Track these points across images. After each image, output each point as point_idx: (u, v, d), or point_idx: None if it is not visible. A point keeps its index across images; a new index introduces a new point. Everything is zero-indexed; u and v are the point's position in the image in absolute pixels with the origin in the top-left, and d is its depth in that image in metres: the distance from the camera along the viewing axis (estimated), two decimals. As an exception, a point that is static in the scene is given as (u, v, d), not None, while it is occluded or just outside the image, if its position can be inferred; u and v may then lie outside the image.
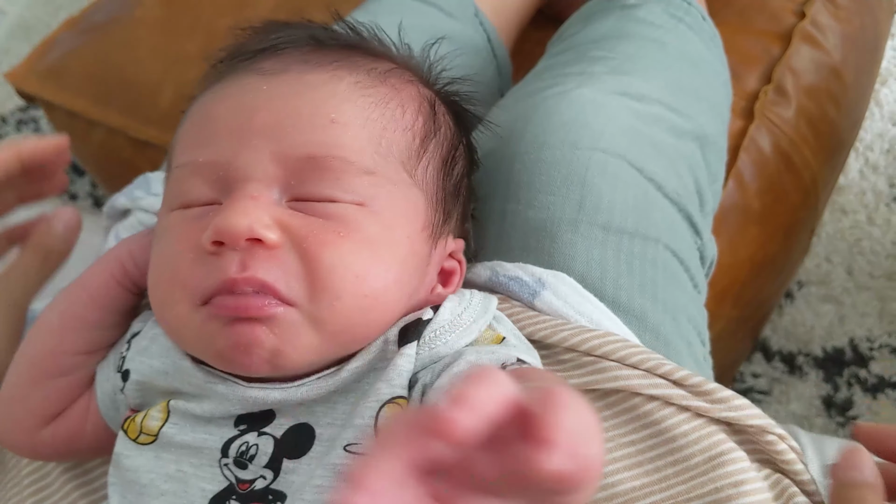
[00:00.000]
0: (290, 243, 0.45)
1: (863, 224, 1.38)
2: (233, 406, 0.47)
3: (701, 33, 0.74)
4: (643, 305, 0.56)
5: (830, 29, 1.04)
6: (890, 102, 1.48)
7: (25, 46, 2.01)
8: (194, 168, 0.49)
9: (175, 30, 1.12)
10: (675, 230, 0.61)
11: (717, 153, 0.70)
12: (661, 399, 0.50)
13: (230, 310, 0.44)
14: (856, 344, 1.30)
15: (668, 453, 0.49)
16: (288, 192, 0.47)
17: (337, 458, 0.44)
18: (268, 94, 0.49)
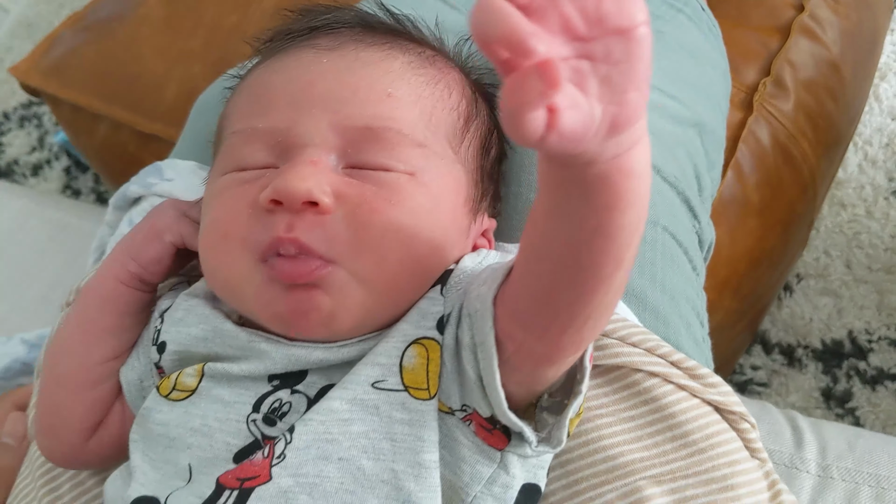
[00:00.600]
0: (342, 209, 0.47)
1: (861, 218, 1.39)
2: (274, 364, 0.48)
3: (699, 24, 0.75)
4: (642, 286, 0.58)
5: (829, 23, 1.05)
6: (889, 97, 1.49)
7: (28, 44, 2.02)
8: (252, 134, 0.51)
9: (178, 27, 1.12)
10: (674, 213, 0.62)
11: (716, 140, 0.71)
12: (660, 376, 0.51)
13: (287, 276, 0.46)
14: (854, 336, 1.31)
15: (667, 429, 0.50)
16: (344, 159, 0.49)
17: (364, 394, 0.46)
18: (326, 67, 0.51)
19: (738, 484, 0.49)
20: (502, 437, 0.46)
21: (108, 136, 1.14)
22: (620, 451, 0.50)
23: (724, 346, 1.09)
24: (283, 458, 0.45)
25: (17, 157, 1.81)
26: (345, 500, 0.44)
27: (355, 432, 0.45)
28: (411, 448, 0.45)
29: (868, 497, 0.63)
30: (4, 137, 1.86)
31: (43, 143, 1.82)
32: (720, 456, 0.49)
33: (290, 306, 0.47)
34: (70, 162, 1.77)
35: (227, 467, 0.46)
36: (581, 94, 0.31)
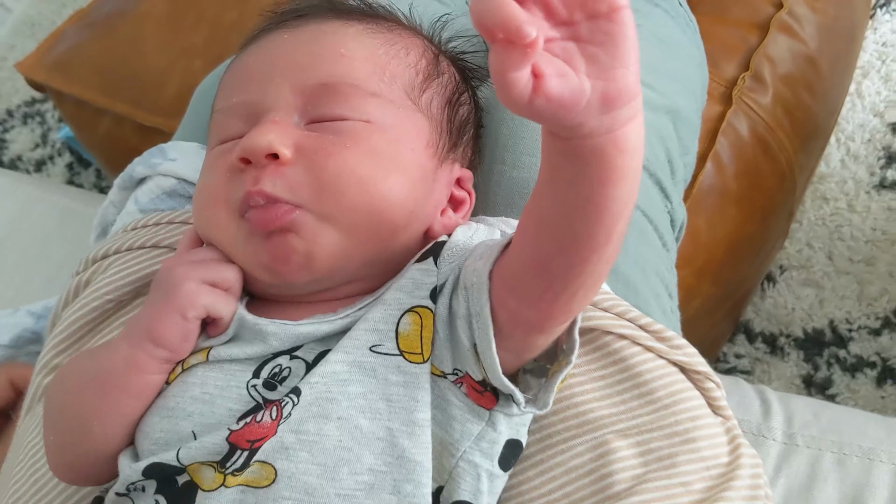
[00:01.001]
0: (303, 159, 0.51)
1: (843, 211, 1.43)
2: (281, 345, 0.51)
3: (677, 18, 0.79)
4: (616, 259, 0.61)
5: (807, 20, 1.09)
6: (871, 94, 1.53)
7: (31, 42, 2.06)
8: (230, 109, 0.56)
9: (180, 23, 1.16)
10: (647, 194, 0.66)
11: (689, 128, 0.74)
12: (628, 339, 0.55)
13: (260, 223, 0.51)
14: (835, 325, 1.35)
15: (633, 387, 0.54)
16: (306, 116, 0.54)
17: (363, 357, 0.50)
18: (288, 41, 0.56)
19: (699, 437, 0.53)
20: (491, 398, 0.50)
21: (111, 130, 1.18)
22: (591, 408, 0.53)
23: (705, 332, 1.13)
24: (290, 417, 0.48)
25: (21, 153, 1.85)
26: (342, 456, 0.47)
27: (353, 393, 0.49)
28: (406, 408, 0.48)
29: (830, 462, 0.67)
30: (8, 134, 1.90)
31: (46, 139, 1.86)
32: (683, 412, 0.53)
33: (271, 253, 0.51)
34: (73, 158, 1.81)
35: (233, 429, 0.49)
36: (570, 69, 0.35)
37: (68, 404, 0.54)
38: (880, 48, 1.57)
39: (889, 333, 1.34)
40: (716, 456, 0.53)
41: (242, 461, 0.47)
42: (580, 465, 0.52)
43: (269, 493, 0.47)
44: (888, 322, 1.34)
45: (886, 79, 1.54)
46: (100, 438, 0.52)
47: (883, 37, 1.58)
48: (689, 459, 0.52)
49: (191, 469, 0.49)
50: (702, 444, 0.53)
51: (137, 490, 0.50)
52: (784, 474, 0.67)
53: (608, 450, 0.52)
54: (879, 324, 1.34)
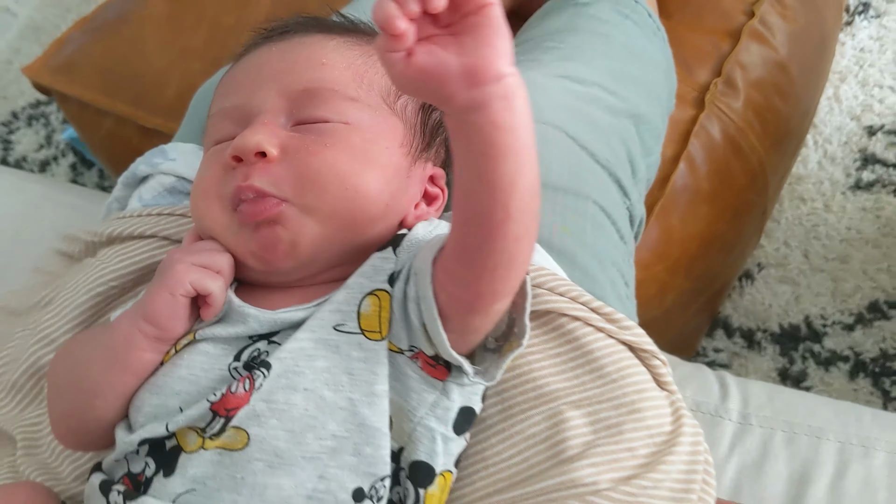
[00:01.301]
0: (288, 157, 0.57)
1: (820, 211, 1.48)
2: (260, 327, 0.57)
3: (644, 28, 0.84)
4: (573, 249, 0.67)
5: (778, 28, 1.14)
6: (849, 98, 1.58)
7: (35, 46, 2.11)
8: (223, 113, 0.62)
9: (180, 26, 1.21)
10: (605, 191, 0.71)
11: (652, 131, 0.80)
12: (581, 320, 0.60)
13: (250, 216, 0.56)
14: (810, 321, 1.40)
15: (585, 363, 0.59)
16: (291, 118, 0.59)
17: (328, 335, 0.55)
18: (273, 51, 0.62)
19: (644, 408, 0.58)
20: (444, 371, 0.55)
21: (113, 131, 1.23)
22: (547, 382, 0.59)
23: (682, 325, 1.19)
24: (261, 388, 0.54)
25: (26, 154, 1.90)
26: (308, 423, 0.53)
27: (319, 367, 0.54)
28: (366, 381, 0.54)
29: (781, 440, 0.72)
30: (13, 135, 1.95)
31: (50, 140, 1.91)
32: (629, 385, 0.59)
33: (259, 243, 0.57)
34: (76, 159, 1.86)
35: (211, 400, 0.54)
36: (439, 48, 0.43)
37: (73, 378, 0.59)
38: (858, 53, 1.62)
39: (862, 329, 1.39)
40: (659, 425, 0.58)
41: (219, 427, 0.53)
42: (537, 432, 0.58)
43: (243, 455, 0.52)
44: (861, 318, 1.39)
45: (863, 83, 1.59)
46: (100, 410, 0.57)
47: (861, 42, 1.63)
48: (634, 428, 0.57)
49: (178, 433, 0.54)
50: (646, 415, 0.58)
51: (131, 454, 0.56)
52: (738, 452, 0.72)
53: (562, 419, 0.57)
54: (853, 319, 1.39)
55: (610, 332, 0.61)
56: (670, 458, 0.57)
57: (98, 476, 0.57)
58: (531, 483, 0.56)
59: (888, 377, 1.35)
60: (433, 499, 0.55)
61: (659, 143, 0.83)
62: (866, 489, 0.68)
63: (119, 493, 0.53)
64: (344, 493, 0.52)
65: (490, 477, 0.58)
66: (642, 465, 0.56)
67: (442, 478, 0.55)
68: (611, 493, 0.55)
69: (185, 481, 0.53)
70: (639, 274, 1.01)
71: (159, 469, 0.54)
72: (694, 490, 0.57)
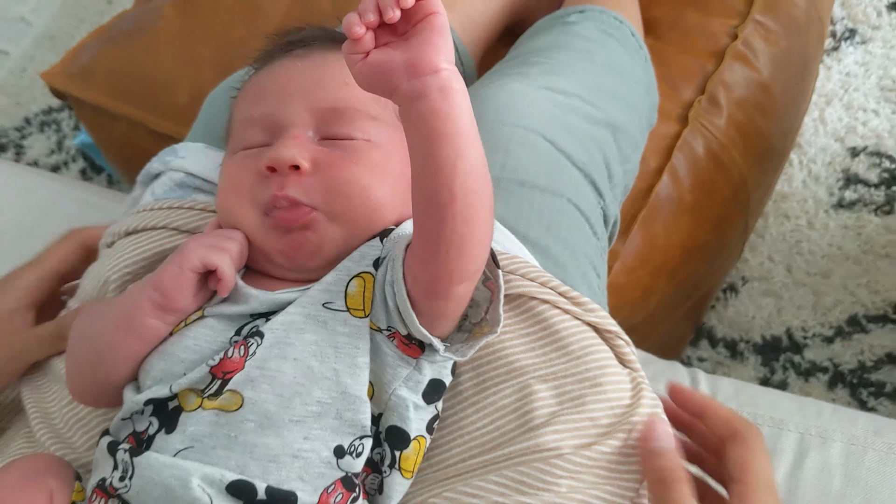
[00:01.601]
0: (318, 169, 0.63)
1: (803, 228, 1.54)
2: (260, 306, 0.62)
3: (627, 46, 0.90)
4: (547, 242, 0.73)
5: (761, 50, 1.20)
6: (833, 121, 1.64)
7: (50, 54, 2.17)
8: (251, 121, 0.67)
9: (192, 37, 1.27)
10: (580, 190, 0.76)
11: (629, 140, 0.85)
12: (549, 303, 0.66)
13: (286, 222, 0.63)
14: (791, 333, 1.45)
15: (552, 342, 0.65)
16: (318, 132, 0.65)
17: (317, 312, 0.61)
18: (299, 67, 0.68)
19: (605, 382, 0.64)
20: (417, 350, 0.61)
21: (125, 134, 1.29)
22: (517, 358, 0.64)
23: (665, 330, 1.24)
24: (255, 355, 0.59)
25: (38, 159, 1.96)
26: (296, 390, 0.58)
27: (307, 340, 0.60)
28: (349, 353, 0.59)
29: (745, 430, 0.77)
30: (26, 140, 2.01)
31: (61, 146, 1.97)
32: (592, 362, 0.64)
33: (290, 244, 0.63)
34: (86, 164, 1.92)
35: (211, 364, 0.60)
36: (391, 49, 0.52)
37: (87, 336, 0.64)
38: (844, 78, 1.69)
39: (841, 341, 1.44)
40: (619, 398, 0.64)
41: (216, 388, 0.59)
42: (508, 404, 0.63)
43: (237, 416, 0.58)
44: (840, 331, 1.45)
45: (848, 106, 1.65)
46: (109, 367, 0.63)
47: (846, 67, 1.70)
48: (596, 400, 0.63)
49: (180, 395, 0.60)
50: (607, 388, 0.64)
51: (137, 414, 0.61)
52: (705, 440, 0.77)
53: (530, 392, 0.63)
54: (832, 332, 1.44)
55: (575, 314, 0.66)
56: (627, 427, 0.62)
57: (106, 438, 0.62)
58: (501, 448, 0.62)
59: (865, 388, 1.40)
60: (408, 460, 0.60)
61: (636, 152, 0.89)
62: (822, 475, 0.73)
63: (125, 451, 0.58)
64: (326, 450, 0.58)
65: (465, 444, 0.63)
66: (602, 434, 0.62)
67: (416, 442, 0.61)
68: (572, 457, 0.60)
69: (184, 438, 0.58)
70: (623, 277, 1.07)
71: (162, 427, 0.59)
72: None
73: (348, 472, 0.58)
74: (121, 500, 0.58)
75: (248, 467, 0.57)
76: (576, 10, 0.92)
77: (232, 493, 0.56)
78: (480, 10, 1.04)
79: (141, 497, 0.57)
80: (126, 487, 0.58)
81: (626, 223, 1.06)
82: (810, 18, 1.28)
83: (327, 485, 0.57)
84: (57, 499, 0.60)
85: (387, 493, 0.61)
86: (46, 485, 0.60)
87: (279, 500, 0.56)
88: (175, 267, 0.62)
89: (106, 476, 0.59)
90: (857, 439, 0.75)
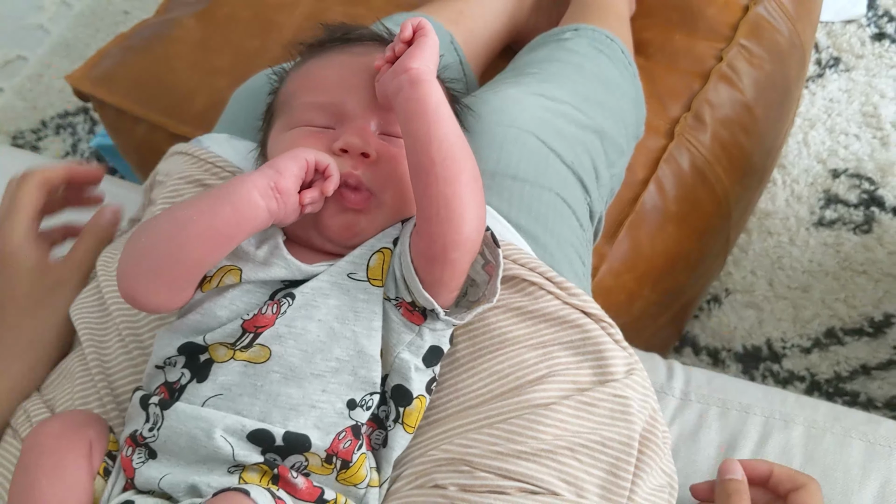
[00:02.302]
0: (381, 160, 0.72)
1: (785, 244, 1.61)
2: (292, 275, 0.70)
3: (616, 62, 0.98)
4: (536, 230, 0.80)
5: (745, 72, 1.28)
6: (817, 143, 1.72)
7: (66, 61, 2.25)
8: (315, 104, 0.75)
9: (209, 47, 1.35)
10: (566, 185, 0.84)
11: (616, 147, 0.93)
12: (537, 285, 0.74)
13: (352, 203, 0.71)
14: (771, 343, 1.52)
15: (542, 317, 0.73)
16: (378, 128, 0.74)
17: (342, 280, 0.69)
18: (360, 63, 0.76)
19: (601, 351, 0.72)
20: (420, 317, 0.69)
21: (145, 137, 1.36)
22: (510, 329, 0.72)
23: (650, 335, 1.31)
24: (285, 314, 0.67)
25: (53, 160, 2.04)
26: (319, 347, 0.66)
27: (331, 304, 0.68)
28: (367, 318, 0.68)
29: (714, 414, 0.84)
30: (42, 142, 2.09)
31: (76, 148, 2.05)
32: (583, 331, 0.73)
33: (342, 223, 0.71)
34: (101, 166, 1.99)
35: (245, 318, 0.67)
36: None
37: (169, 230, 0.66)
38: (827, 103, 1.77)
39: (818, 352, 1.51)
40: (613, 373, 0.72)
41: (248, 341, 0.66)
42: (501, 369, 0.71)
43: (264, 367, 0.66)
44: (818, 342, 1.52)
45: (831, 130, 1.73)
46: (193, 245, 0.66)
47: (830, 93, 1.78)
48: (590, 366, 0.72)
49: (211, 348, 0.67)
50: (606, 356, 0.72)
51: (169, 365, 0.68)
52: (678, 422, 0.84)
53: (522, 359, 0.71)
54: (810, 343, 1.51)
55: (559, 296, 0.75)
56: (616, 384, 0.70)
57: (138, 393, 0.69)
58: (493, 404, 0.69)
59: (840, 397, 1.47)
60: (411, 416, 0.69)
61: (622, 158, 0.96)
62: (784, 455, 0.80)
63: (155, 404, 0.65)
64: (340, 403, 0.66)
65: (462, 404, 0.71)
66: (584, 390, 0.70)
67: (418, 400, 0.69)
68: (556, 407, 0.68)
69: (214, 387, 0.65)
70: (609, 282, 1.14)
71: (193, 377, 0.66)
72: (634, 419, 0.70)
73: (357, 421, 0.66)
74: (148, 448, 0.65)
75: (271, 414, 0.64)
76: (570, 28, 1.00)
77: (252, 441, 0.63)
78: (482, 27, 1.13)
79: (167, 445, 0.64)
80: (154, 437, 0.65)
81: (613, 228, 1.13)
82: (793, 45, 1.36)
83: (338, 431, 0.65)
84: (95, 448, 0.67)
85: (390, 446, 0.69)
86: (86, 435, 0.67)
87: (295, 443, 0.63)
88: (289, 157, 0.69)
89: (138, 428, 0.66)
90: (817, 423, 0.82)
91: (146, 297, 0.67)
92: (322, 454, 0.64)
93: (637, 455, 0.68)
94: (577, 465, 0.67)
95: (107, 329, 0.79)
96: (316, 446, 0.63)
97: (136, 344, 0.77)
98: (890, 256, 1.57)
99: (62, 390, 0.78)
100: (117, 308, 0.79)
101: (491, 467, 0.66)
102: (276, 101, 0.81)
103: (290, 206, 0.68)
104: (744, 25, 1.28)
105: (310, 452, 0.64)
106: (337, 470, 0.65)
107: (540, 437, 0.67)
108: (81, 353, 0.79)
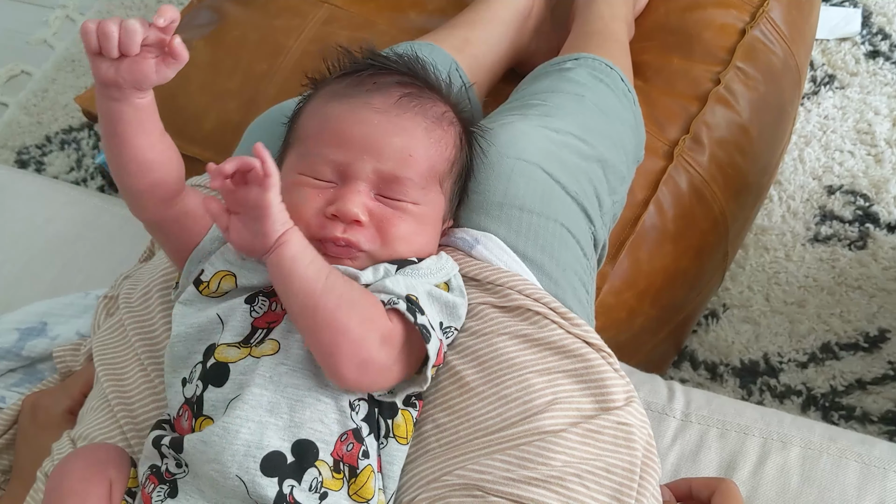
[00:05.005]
0: (373, 222, 0.77)
1: (781, 260, 1.64)
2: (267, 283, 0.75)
3: (615, 90, 1.01)
4: (542, 259, 0.84)
5: (741, 94, 1.31)
6: (812, 160, 1.75)
7: (71, 77, 2.27)
8: (325, 159, 0.79)
9: (219, 70, 1.38)
10: (570, 216, 0.87)
11: (617, 175, 0.96)
12: (541, 314, 0.78)
13: (337, 254, 0.76)
14: (768, 358, 1.55)
15: (547, 345, 0.76)
16: (376, 189, 0.78)
17: None
18: (376, 125, 0.79)
19: (600, 380, 0.75)
20: None
21: (154, 157, 1.38)
22: (517, 355, 0.76)
23: (649, 350, 1.33)
24: None
25: (57, 175, 2.06)
26: None
27: None
28: None
29: (714, 435, 0.87)
30: (47, 157, 2.11)
31: (80, 164, 2.07)
32: (586, 360, 0.76)
33: (330, 258, 0.75)
34: (104, 182, 2.02)
35: (255, 315, 0.74)
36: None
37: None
38: (822, 121, 1.80)
39: (814, 367, 1.54)
40: (614, 399, 0.75)
41: (261, 336, 0.73)
42: (509, 393, 0.74)
43: (273, 359, 0.71)
44: (814, 357, 1.54)
45: (826, 147, 1.76)
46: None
47: (825, 111, 1.81)
48: (592, 394, 0.75)
49: (217, 353, 0.72)
50: (606, 384, 0.75)
51: (188, 381, 0.73)
52: (679, 443, 0.87)
53: (530, 384, 0.74)
54: (806, 358, 1.54)
55: (562, 326, 0.78)
56: (619, 412, 0.74)
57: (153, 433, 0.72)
58: (504, 430, 0.73)
59: (836, 411, 1.50)
60: (400, 428, 0.74)
61: (624, 184, 0.99)
62: (781, 475, 0.83)
63: (167, 445, 0.70)
64: (341, 401, 0.71)
65: (472, 428, 0.74)
66: (590, 417, 0.73)
67: (401, 414, 0.74)
68: (566, 434, 0.72)
69: (234, 386, 0.70)
70: (610, 299, 1.17)
71: (208, 384, 0.71)
72: (636, 446, 0.73)
73: (357, 425, 0.71)
74: (171, 484, 0.69)
75: (279, 405, 0.69)
76: (571, 58, 1.03)
77: (265, 472, 0.67)
78: (485, 53, 1.16)
79: (196, 481, 0.68)
80: (184, 472, 0.68)
81: (614, 249, 1.16)
82: (787, 66, 1.39)
83: (342, 432, 0.70)
84: (115, 488, 0.71)
85: (388, 461, 0.73)
86: (107, 475, 0.71)
87: (304, 453, 0.68)
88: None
89: (157, 463, 0.70)
90: (813, 444, 0.85)
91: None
92: (329, 461, 0.68)
93: (639, 481, 0.71)
94: (584, 492, 0.70)
95: (127, 360, 0.83)
96: (323, 450, 0.68)
97: (157, 372, 0.80)
98: (884, 272, 1.60)
99: (84, 425, 0.82)
100: (139, 339, 0.83)
101: (503, 493, 0.69)
102: (294, 132, 0.85)
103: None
104: (740, 49, 1.31)
105: (319, 461, 0.68)
106: (347, 480, 0.69)
107: (550, 464, 0.70)
108: (101, 389, 0.83)
